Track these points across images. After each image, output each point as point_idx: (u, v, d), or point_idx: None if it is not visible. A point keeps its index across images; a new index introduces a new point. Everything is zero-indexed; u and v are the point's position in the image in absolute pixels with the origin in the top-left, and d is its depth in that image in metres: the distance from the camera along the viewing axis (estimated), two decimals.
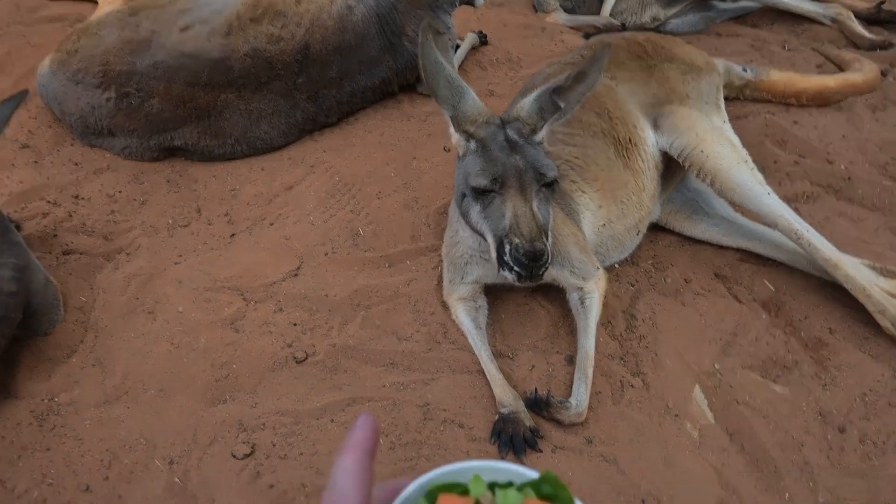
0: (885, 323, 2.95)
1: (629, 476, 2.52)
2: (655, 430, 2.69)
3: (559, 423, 2.65)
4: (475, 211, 2.44)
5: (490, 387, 2.78)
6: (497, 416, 2.64)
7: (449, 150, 4.09)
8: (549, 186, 2.37)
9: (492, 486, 0.76)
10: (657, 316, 3.16)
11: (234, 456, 2.56)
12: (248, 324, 3.06)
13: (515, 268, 2.24)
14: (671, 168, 3.47)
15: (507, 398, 2.67)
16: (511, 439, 2.52)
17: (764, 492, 2.51)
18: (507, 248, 2.24)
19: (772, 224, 3.16)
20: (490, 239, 2.40)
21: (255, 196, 3.80)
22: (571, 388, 2.73)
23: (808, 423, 2.72)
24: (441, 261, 3.21)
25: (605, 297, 2.97)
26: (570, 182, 2.97)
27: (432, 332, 3.04)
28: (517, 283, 2.36)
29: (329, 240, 3.48)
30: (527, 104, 2.44)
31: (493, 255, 2.36)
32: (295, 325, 3.07)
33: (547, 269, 2.28)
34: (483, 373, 2.87)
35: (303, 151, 4.11)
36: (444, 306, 3.12)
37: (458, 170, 2.56)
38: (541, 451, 2.53)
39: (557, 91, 2.36)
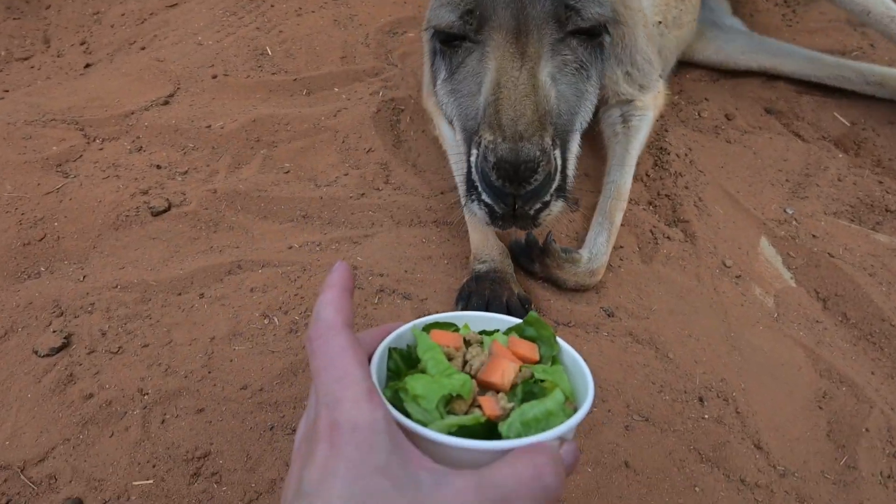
0: None
1: (676, 362, 1.57)
2: (709, 296, 1.73)
3: (561, 286, 1.68)
4: (440, 79, 1.44)
5: (460, 239, 1.79)
6: (468, 277, 1.67)
7: None
8: (588, 36, 1.32)
9: (481, 334, 0.82)
10: (694, 153, 2.18)
11: (36, 353, 1.55)
12: (84, 166, 2.01)
13: (483, 195, 1.22)
14: None
15: (489, 251, 1.69)
16: (487, 305, 1.55)
17: (889, 379, 1.58)
18: (475, 153, 1.24)
19: (861, 11, 2.16)
20: (459, 137, 1.39)
21: (124, 16, 2.69)
22: (585, 239, 1.76)
23: None
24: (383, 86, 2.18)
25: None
26: None
27: (367, 176, 2.02)
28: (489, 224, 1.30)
29: (221, 60, 2.41)
30: None
31: (463, 170, 1.32)
32: (159, 167, 2.02)
33: (545, 206, 1.22)
34: (444, 224, 1.88)
35: None
36: (396, 140, 2.10)
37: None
38: None
39: None
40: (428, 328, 0.82)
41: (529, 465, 0.62)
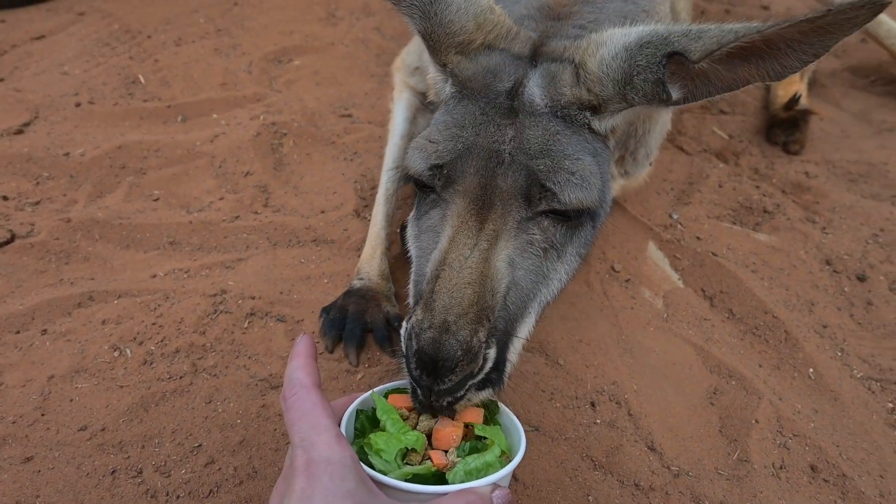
0: None
1: (567, 368, 1.51)
2: (599, 301, 1.70)
3: None
4: (411, 217, 1.26)
5: (341, 257, 1.69)
6: (344, 292, 1.56)
7: None
8: (562, 219, 1.12)
9: None
10: None
11: None
12: None
13: (410, 364, 1.00)
14: None
15: (369, 270, 1.60)
16: (344, 320, 1.43)
17: (775, 370, 1.57)
18: (405, 326, 1.06)
19: None
20: (411, 283, 1.21)
21: None
22: None
23: (813, 276, 1.83)
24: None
25: None
26: None
27: (245, 200, 1.90)
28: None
29: (88, 89, 2.25)
30: (610, 47, 1.09)
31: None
32: (5, 198, 1.83)
33: (462, 397, 0.99)
34: (324, 242, 1.77)
35: (71, 1, 2.83)
36: (277, 163, 2.00)
37: None
38: (392, 351, 1.46)
39: (685, 55, 0.99)
40: (387, 394, 1.01)
41: (463, 502, 0.80)
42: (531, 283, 1.11)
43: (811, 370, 1.56)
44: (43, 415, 1.30)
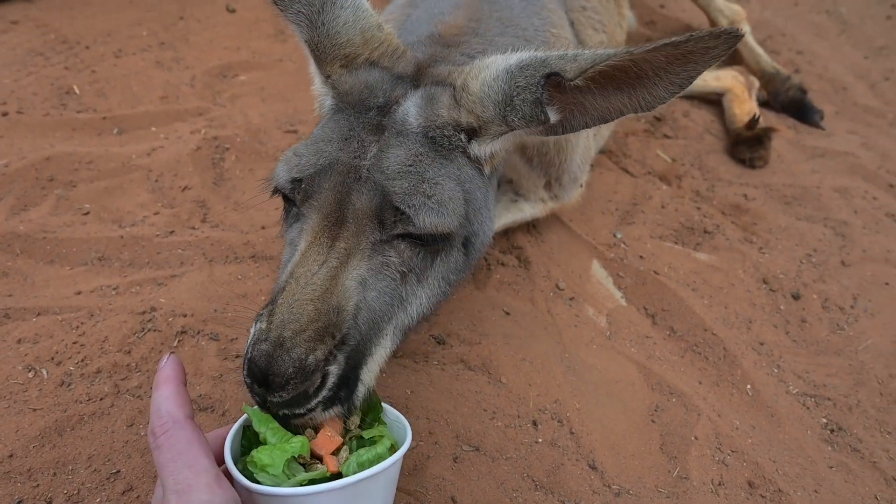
0: None
1: (509, 387, 1.48)
2: (543, 319, 1.69)
3: None
4: (283, 222, 1.23)
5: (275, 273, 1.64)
6: None
7: (234, 11, 2.92)
8: (419, 244, 1.09)
9: None
10: None
11: None
12: None
13: (244, 370, 0.97)
14: None
15: None
16: None
17: (715, 387, 1.58)
18: (253, 325, 1.02)
19: None
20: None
21: None
22: None
23: (751, 295, 1.87)
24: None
25: None
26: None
27: (181, 215, 1.83)
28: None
29: (17, 98, 2.15)
30: (492, 70, 1.10)
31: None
32: None
33: (306, 413, 0.96)
34: (263, 259, 1.72)
35: (3, 10, 2.72)
36: (217, 177, 1.94)
37: None
38: None
39: (561, 75, 1.01)
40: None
41: None
42: (385, 304, 1.07)
43: (749, 386, 1.58)
44: None
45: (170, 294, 1.58)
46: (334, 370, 0.96)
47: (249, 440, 0.94)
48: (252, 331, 0.99)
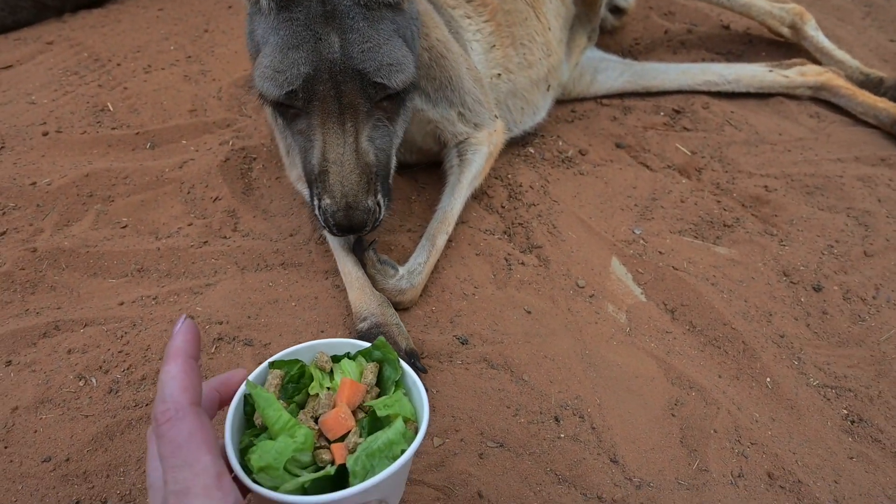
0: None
1: (531, 384, 1.53)
2: (563, 317, 1.73)
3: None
4: (278, 123, 1.61)
5: (309, 280, 1.71)
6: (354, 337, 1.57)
7: None
8: (395, 99, 1.45)
9: (335, 360, 0.92)
10: (550, 185, 2.25)
11: None
12: None
13: (334, 231, 1.45)
14: (578, 26, 2.71)
15: (368, 305, 1.61)
16: None
17: (734, 380, 1.61)
18: (317, 203, 1.44)
19: None
20: (303, 173, 1.52)
21: None
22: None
23: (771, 287, 1.88)
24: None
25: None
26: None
27: (214, 225, 1.92)
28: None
29: (55, 118, 2.26)
30: None
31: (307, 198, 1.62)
32: None
33: (378, 224, 1.48)
34: (292, 266, 1.79)
35: (39, 31, 2.84)
36: (246, 187, 2.02)
37: (248, 39, 1.50)
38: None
39: None
40: (273, 365, 0.90)
41: None
42: (387, 143, 1.47)
43: (768, 379, 1.61)
44: (6, 447, 1.30)
45: (205, 302, 1.67)
46: (380, 195, 1.44)
47: (252, 409, 0.85)
48: (318, 206, 1.40)
